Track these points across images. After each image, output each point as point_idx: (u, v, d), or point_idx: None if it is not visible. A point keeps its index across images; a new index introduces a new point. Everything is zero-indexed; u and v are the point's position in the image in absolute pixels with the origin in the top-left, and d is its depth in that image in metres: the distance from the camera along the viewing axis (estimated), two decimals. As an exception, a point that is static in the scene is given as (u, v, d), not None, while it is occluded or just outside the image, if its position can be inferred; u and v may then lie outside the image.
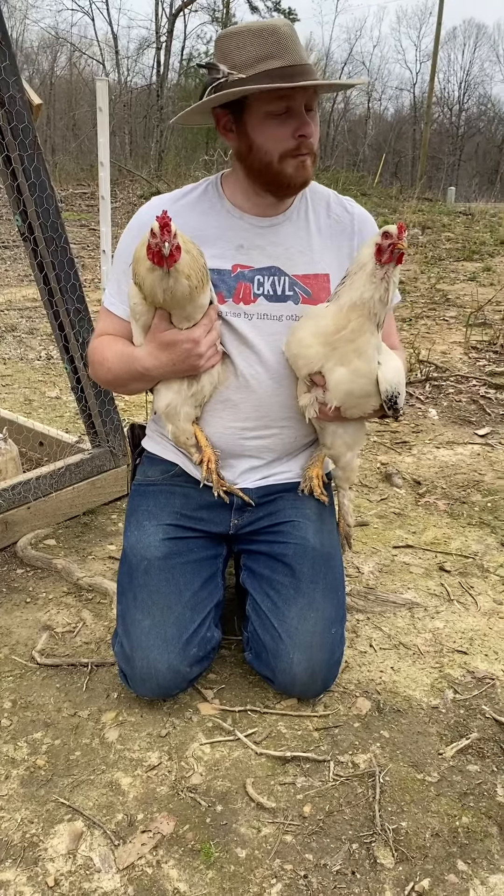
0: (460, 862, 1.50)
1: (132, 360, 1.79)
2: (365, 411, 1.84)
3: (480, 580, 2.48)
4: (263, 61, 1.65)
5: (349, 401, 1.79)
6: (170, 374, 1.78)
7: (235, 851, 1.51)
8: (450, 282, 7.99)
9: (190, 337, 1.71)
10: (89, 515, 2.79)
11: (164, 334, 1.72)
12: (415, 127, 40.81)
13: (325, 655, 1.84)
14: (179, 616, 1.82)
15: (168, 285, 1.60)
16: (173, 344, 1.72)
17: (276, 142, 1.71)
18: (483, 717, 1.87)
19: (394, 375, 1.79)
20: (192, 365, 1.75)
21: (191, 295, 1.63)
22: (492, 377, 4.66)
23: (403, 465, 3.40)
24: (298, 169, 1.75)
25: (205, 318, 1.73)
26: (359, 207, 1.98)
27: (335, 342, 1.72)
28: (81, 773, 1.68)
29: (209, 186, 1.90)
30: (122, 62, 30.72)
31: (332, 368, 1.75)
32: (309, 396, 1.84)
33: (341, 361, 1.73)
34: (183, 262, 1.58)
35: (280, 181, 1.76)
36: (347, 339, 1.71)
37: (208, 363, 1.79)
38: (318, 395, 1.82)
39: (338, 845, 1.52)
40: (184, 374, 1.79)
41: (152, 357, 1.75)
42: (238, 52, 1.67)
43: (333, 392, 1.78)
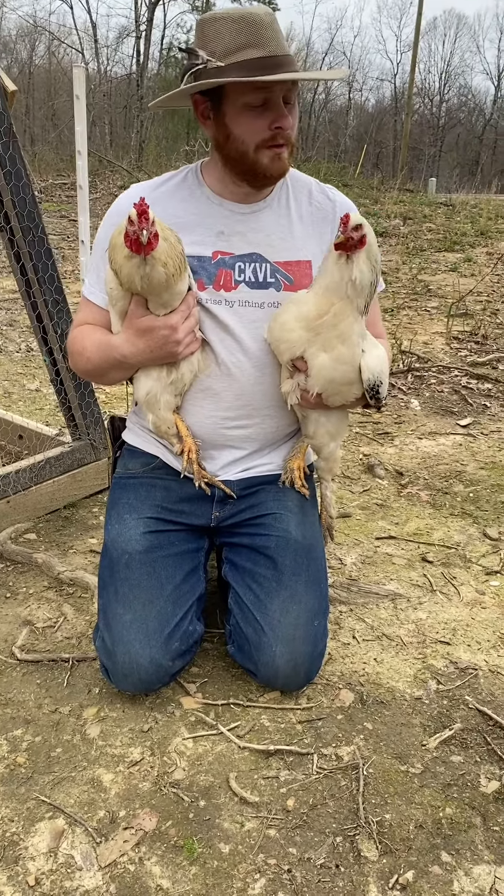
0: (444, 853, 1.49)
1: (110, 347, 1.76)
2: (347, 399, 1.83)
3: (463, 570, 2.48)
4: (242, 50, 1.62)
5: (331, 388, 1.78)
6: (148, 361, 1.76)
7: (219, 847, 1.50)
8: (431, 272, 7.99)
9: (167, 323, 1.69)
10: (70, 509, 2.76)
11: (140, 321, 1.69)
12: (396, 118, 40.81)
13: (308, 648, 1.83)
14: (161, 610, 1.80)
15: (145, 272, 1.58)
16: (150, 330, 1.69)
17: (252, 133, 1.69)
18: (466, 708, 1.87)
19: (376, 364, 1.77)
20: (171, 352, 1.73)
21: (167, 282, 1.61)
22: (473, 367, 4.67)
23: (386, 456, 3.39)
24: (274, 160, 1.73)
25: (182, 304, 1.70)
26: (340, 195, 1.96)
27: (318, 327, 1.70)
28: (62, 770, 1.66)
29: (189, 174, 1.88)
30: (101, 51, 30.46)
31: (314, 354, 1.73)
32: (291, 382, 1.83)
33: (324, 347, 1.72)
34: (160, 249, 1.56)
35: (256, 171, 1.75)
36: (330, 324, 1.69)
37: (187, 350, 1.76)
38: (300, 381, 1.81)
39: (322, 839, 1.52)
40: (162, 361, 1.76)
41: (129, 344, 1.73)
42: (217, 39, 1.64)
43: (315, 378, 1.76)
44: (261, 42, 1.63)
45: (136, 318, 1.69)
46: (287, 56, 1.66)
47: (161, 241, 1.56)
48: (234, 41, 1.63)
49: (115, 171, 16.18)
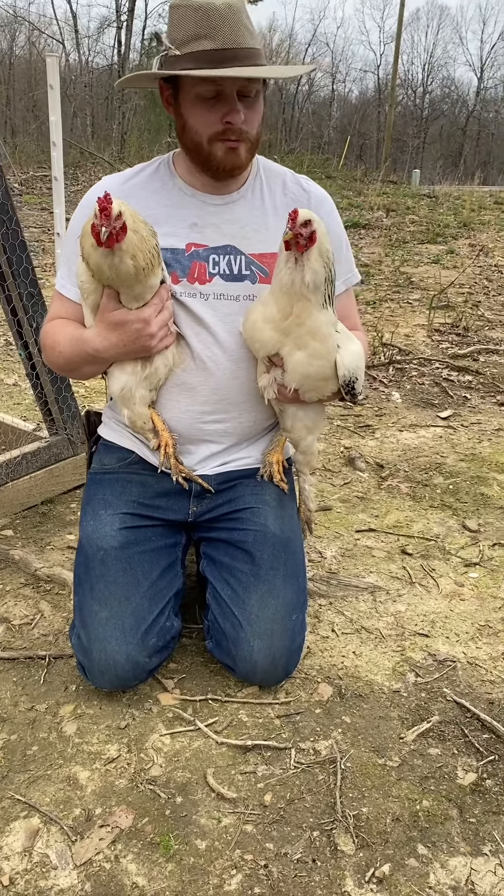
0: (420, 846, 1.50)
1: (82, 342, 1.74)
2: (323, 394, 1.82)
3: (442, 562, 2.48)
4: (196, 41, 1.61)
5: (307, 383, 1.77)
6: (121, 355, 1.74)
7: (195, 843, 1.49)
8: (414, 264, 8.00)
9: (140, 317, 1.67)
10: (48, 505, 2.74)
11: (112, 314, 1.67)
12: (379, 109, 40.76)
13: (286, 642, 1.83)
14: (137, 606, 1.79)
15: (112, 263, 1.57)
16: (122, 324, 1.68)
17: (204, 124, 1.69)
18: (444, 700, 1.88)
19: (352, 360, 1.76)
20: (144, 345, 1.71)
21: (137, 275, 1.59)
22: (454, 360, 4.67)
23: (367, 448, 3.39)
24: (228, 154, 1.72)
25: (155, 297, 1.69)
26: (315, 186, 1.95)
27: (286, 328, 1.70)
28: (38, 768, 1.65)
29: (161, 165, 1.86)
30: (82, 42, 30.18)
31: (289, 352, 1.73)
32: (268, 377, 1.82)
33: (298, 345, 1.71)
34: (128, 241, 1.54)
35: (210, 163, 1.74)
36: (296, 324, 1.69)
37: (161, 344, 1.74)
38: (276, 376, 1.80)
39: (298, 833, 1.51)
40: (136, 355, 1.74)
41: (102, 338, 1.71)
42: (177, 27, 1.64)
43: (292, 374, 1.75)
44: (214, 34, 1.60)
45: (109, 312, 1.68)
46: (243, 49, 1.62)
47: (130, 234, 1.54)
48: (190, 31, 1.61)
49: (97, 162, 16.07)
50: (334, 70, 44.24)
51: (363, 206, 12.32)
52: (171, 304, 1.77)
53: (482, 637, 2.12)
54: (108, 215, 1.49)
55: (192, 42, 1.61)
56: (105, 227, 1.49)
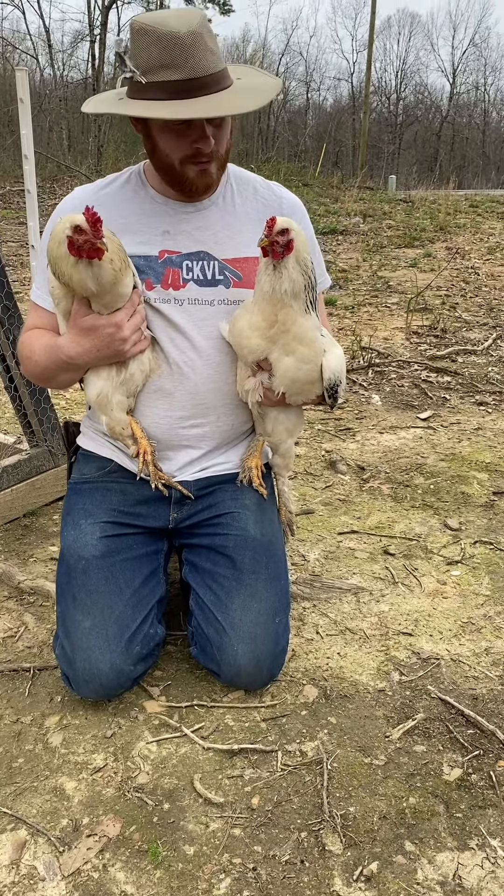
0: (408, 843, 1.50)
1: (56, 349, 1.75)
2: (308, 398, 1.84)
3: (424, 562, 2.50)
4: (161, 70, 1.60)
5: (295, 387, 1.79)
6: (95, 360, 1.75)
7: (183, 849, 1.49)
8: (391, 268, 8.06)
9: (111, 321, 1.68)
10: (30, 517, 2.73)
11: (83, 320, 1.68)
12: (354, 116, 41.08)
13: (270, 645, 1.83)
14: (120, 615, 1.79)
15: (94, 273, 1.58)
16: (94, 329, 1.68)
17: (174, 149, 1.70)
18: (428, 698, 1.89)
19: (337, 364, 1.80)
20: (117, 350, 1.72)
21: (116, 278, 1.61)
22: (433, 361, 4.71)
23: (347, 451, 3.41)
24: (199, 175, 1.74)
25: (127, 302, 1.70)
26: (287, 192, 1.97)
27: (273, 336, 1.71)
28: (24, 780, 1.64)
29: (132, 175, 1.88)
30: (56, 56, 30.19)
31: (278, 358, 1.75)
32: (254, 381, 1.83)
33: (286, 351, 1.73)
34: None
35: (182, 183, 1.77)
36: (282, 331, 1.71)
37: (135, 348, 1.75)
38: (263, 380, 1.81)
39: (286, 835, 1.52)
40: (110, 360, 1.75)
41: (75, 344, 1.71)
42: (141, 53, 1.61)
43: (281, 378, 1.77)
44: (179, 64, 1.59)
45: (80, 318, 1.68)
46: (209, 76, 1.62)
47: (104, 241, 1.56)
48: (154, 59, 1.60)
49: (74, 175, 16.05)
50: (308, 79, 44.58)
51: (340, 213, 12.40)
52: (143, 308, 1.78)
53: (465, 634, 2.13)
54: (99, 228, 1.51)
55: (157, 70, 1.60)
56: (100, 239, 1.51)
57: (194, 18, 1.61)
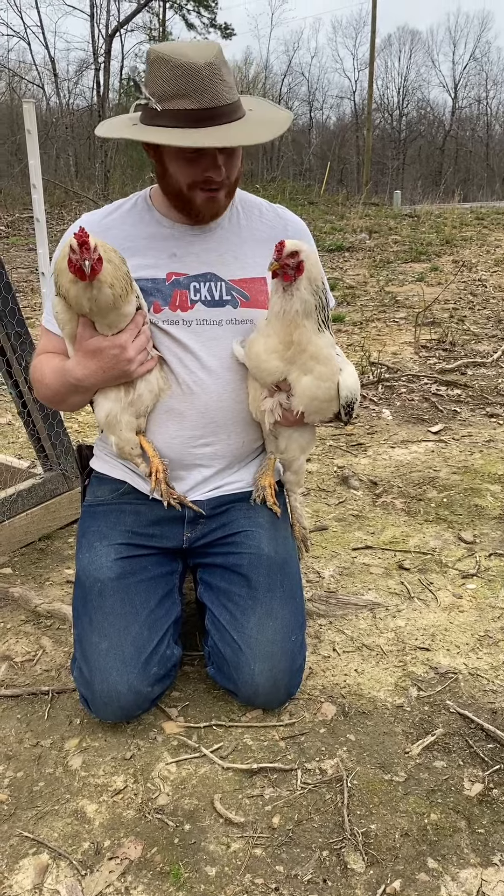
0: (430, 860, 1.49)
1: (65, 372, 1.78)
2: (326, 415, 1.86)
3: (439, 575, 2.50)
4: (176, 99, 1.63)
5: (313, 405, 1.81)
6: (102, 382, 1.77)
7: (205, 870, 1.49)
8: (398, 283, 8.09)
9: (116, 343, 1.71)
10: (45, 541, 2.75)
11: (89, 342, 1.71)
12: (357, 134, 41.40)
13: (287, 664, 1.84)
14: (137, 636, 1.80)
15: (92, 294, 1.61)
16: (99, 351, 1.71)
17: (185, 174, 1.74)
18: (447, 712, 1.88)
19: (352, 382, 1.83)
20: (124, 371, 1.74)
21: (115, 303, 1.64)
22: (442, 374, 4.72)
23: (360, 466, 3.41)
24: (208, 202, 1.78)
25: (131, 323, 1.72)
26: (292, 215, 2.00)
27: (290, 357, 1.74)
28: (45, 803, 1.65)
29: (139, 200, 1.91)
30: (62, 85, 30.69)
31: (297, 378, 1.77)
32: (271, 401, 1.84)
33: (304, 370, 1.75)
34: (105, 272, 1.59)
35: (190, 209, 1.80)
36: (299, 351, 1.73)
37: (141, 368, 1.78)
38: (281, 400, 1.83)
39: (308, 854, 1.51)
40: (117, 381, 1.78)
41: (81, 366, 1.74)
42: (157, 81, 1.65)
43: (300, 398, 1.79)
44: (195, 94, 1.62)
45: (85, 340, 1.71)
46: (223, 107, 1.65)
47: (106, 264, 1.59)
48: (170, 88, 1.63)
49: (82, 201, 16.28)
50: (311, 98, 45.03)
51: (346, 230, 12.48)
52: (148, 328, 1.80)
53: (482, 647, 2.13)
54: (88, 248, 1.53)
55: (172, 99, 1.63)
56: (88, 259, 1.54)
57: (211, 50, 1.65)
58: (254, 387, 1.88)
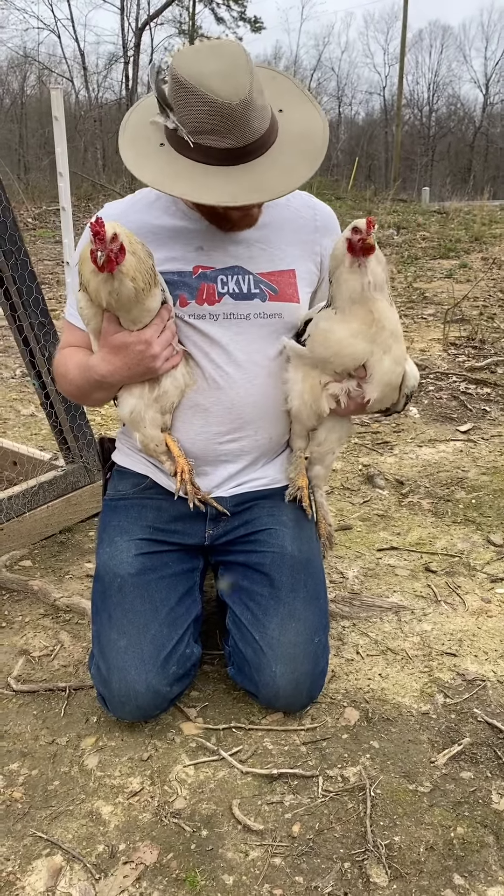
0: (457, 876, 1.44)
1: (89, 368, 1.73)
2: (386, 404, 1.83)
3: (467, 579, 2.43)
4: (208, 135, 1.54)
5: (385, 391, 1.77)
6: (127, 378, 1.72)
7: (222, 878, 1.44)
8: (426, 280, 7.98)
9: (141, 338, 1.65)
10: (66, 534, 2.72)
11: (113, 338, 1.66)
12: (386, 130, 41.06)
13: (309, 666, 1.78)
14: (156, 634, 1.76)
15: (113, 287, 1.55)
16: (124, 347, 1.66)
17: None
18: (475, 721, 1.82)
19: (416, 370, 1.82)
20: (149, 367, 1.69)
21: (136, 297, 1.58)
22: (471, 372, 4.62)
23: (385, 465, 3.35)
24: (243, 218, 1.76)
25: (156, 318, 1.67)
26: (320, 202, 1.95)
27: (373, 335, 1.69)
28: (60, 803, 1.61)
29: None
30: (91, 78, 30.78)
31: (379, 360, 1.72)
32: (340, 386, 1.78)
33: (384, 350, 1.71)
34: (128, 263, 1.53)
35: (223, 222, 1.77)
36: (381, 328, 1.69)
37: (167, 364, 1.73)
38: (350, 388, 1.77)
39: (329, 865, 1.46)
40: (142, 377, 1.73)
41: (106, 362, 1.69)
42: (189, 112, 1.54)
43: (377, 383, 1.74)
44: (228, 133, 1.53)
45: (110, 336, 1.66)
46: (255, 142, 1.57)
47: (129, 256, 1.53)
48: (202, 123, 1.53)
49: (109, 194, 16.28)
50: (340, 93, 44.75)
51: (374, 225, 12.34)
52: (174, 323, 1.75)
53: (512, 654, 2.06)
54: (102, 239, 1.48)
55: (204, 134, 1.54)
56: (101, 251, 1.48)
57: (244, 82, 1.51)
58: (309, 377, 1.80)
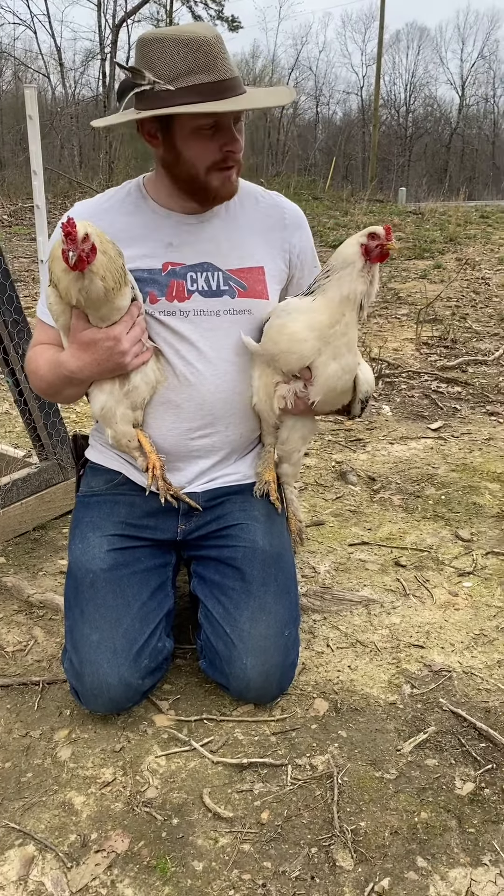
0: (420, 858, 1.48)
1: (59, 364, 1.75)
2: (335, 406, 1.88)
3: (436, 573, 2.48)
4: (191, 75, 1.60)
5: (330, 396, 1.81)
6: (97, 374, 1.75)
7: (192, 864, 1.47)
8: (401, 280, 8.06)
9: (110, 335, 1.68)
10: (40, 531, 2.73)
11: (82, 334, 1.68)
12: (363, 130, 41.28)
13: (279, 658, 1.82)
14: (129, 628, 1.78)
15: (83, 285, 1.58)
16: (93, 343, 1.69)
17: (203, 156, 1.70)
18: (440, 710, 1.87)
19: (371, 377, 1.87)
20: (118, 363, 1.72)
21: (106, 296, 1.61)
22: (443, 371, 4.70)
23: (358, 462, 3.40)
24: (224, 182, 1.76)
25: (126, 315, 1.70)
26: (288, 202, 1.98)
27: (330, 336, 1.72)
28: (33, 795, 1.64)
29: (132, 188, 1.89)
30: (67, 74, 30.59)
31: (325, 363, 1.75)
32: (287, 388, 1.83)
33: (334, 356, 1.75)
34: (98, 263, 1.56)
35: (206, 193, 1.77)
36: (341, 333, 1.72)
37: (136, 360, 1.75)
38: (297, 389, 1.81)
39: (297, 850, 1.50)
40: (112, 373, 1.75)
41: (75, 358, 1.71)
42: (163, 61, 1.61)
43: (320, 387, 1.78)
44: (210, 66, 1.61)
45: (79, 332, 1.69)
46: (235, 78, 1.66)
47: (99, 255, 1.56)
48: (183, 64, 1.60)
49: (86, 192, 16.21)
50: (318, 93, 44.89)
51: (350, 225, 12.44)
52: (143, 320, 1.78)
53: (477, 646, 2.11)
54: (73, 239, 1.50)
55: (186, 76, 1.60)
56: (72, 250, 1.51)
57: (211, 27, 1.67)
58: (265, 374, 1.85)
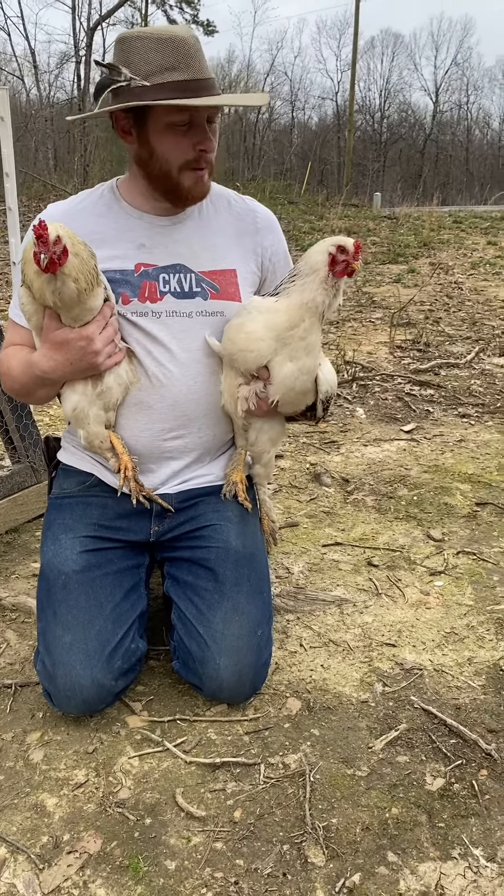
0: (390, 853, 1.50)
1: (31, 365, 1.75)
2: (298, 408, 1.88)
3: (408, 572, 2.51)
4: (167, 72, 1.64)
5: (289, 396, 1.82)
6: (69, 374, 1.75)
7: (165, 864, 1.48)
8: (376, 284, 8.13)
9: (82, 335, 1.68)
10: (12, 534, 2.72)
11: (55, 334, 1.69)
12: (339, 135, 41.54)
13: (252, 658, 1.83)
14: (101, 629, 1.78)
15: (56, 287, 1.58)
16: (65, 343, 1.69)
17: (176, 153, 1.72)
18: (412, 708, 1.89)
19: (332, 377, 1.87)
20: (91, 363, 1.72)
21: (79, 297, 1.61)
22: (416, 374, 4.74)
23: (332, 464, 3.42)
24: (197, 182, 1.77)
25: (98, 315, 1.70)
26: (261, 206, 2.01)
27: (288, 338, 1.74)
28: (4, 797, 1.63)
29: (105, 190, 1.90)
30: (42, 77, 30.43)
31: (281, 363, 1.77)
32: (248, 389, 1.84)
33: (291, 357, 1.76)
34: (70, 265, 1.56)
35: (178, 192, 1.78)
36: (300, 337, 1.74)
37: (109, 361, 1.76)
38: (258, 389, 1.82)
39: (269, 848, 1.51)
40: (84, 373, 1.76)
41: (47, 358, 1.72)
42: (140, 58, 1.65)
43: (278, 386, 1.79)
44: (185, 64, 1.64)
45: (51, 332, 1.69)
46: (210, 79, 1.69)
47: (71, 257, 1.56)
48: (160, 61, 1.64)
49: (60, 194, 16.12)
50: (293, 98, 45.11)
51: (325, 230, 12.51)
52: (116, 320, 1.78)
53: (448, 644, 2.14)
54: (45, 242, 1.51)
55: (162, 73, 1.63)
56: (44, 253, 1.51)
57: (189, 28, 1.72)
58: (229, 376, 1.87)
